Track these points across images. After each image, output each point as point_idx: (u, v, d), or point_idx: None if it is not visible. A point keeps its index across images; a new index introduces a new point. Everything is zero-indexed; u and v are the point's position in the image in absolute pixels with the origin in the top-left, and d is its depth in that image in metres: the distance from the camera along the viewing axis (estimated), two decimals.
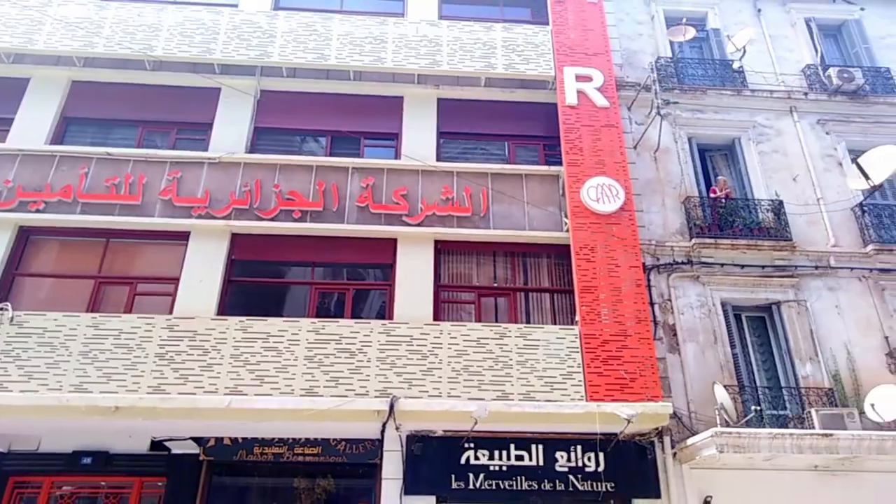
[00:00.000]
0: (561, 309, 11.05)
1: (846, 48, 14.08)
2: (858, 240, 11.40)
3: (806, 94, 12.92)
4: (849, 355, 10.42)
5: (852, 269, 11.16)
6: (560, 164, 11.57)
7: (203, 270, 10.33)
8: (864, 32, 14.03)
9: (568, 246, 10.88)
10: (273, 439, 9.12)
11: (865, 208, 11.58)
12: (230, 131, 11.67)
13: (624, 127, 12.09)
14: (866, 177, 10.97)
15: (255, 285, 10.85)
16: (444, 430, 9.27)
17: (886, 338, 10.60)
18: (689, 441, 9.01)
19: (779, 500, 9.21)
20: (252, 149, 11.66)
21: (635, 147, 12.11)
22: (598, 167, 11.35)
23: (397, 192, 11.12)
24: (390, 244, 10.91)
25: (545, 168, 11.77)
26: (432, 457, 9.11)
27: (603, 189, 11.14)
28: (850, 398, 9.94)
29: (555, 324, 10.60)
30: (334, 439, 9.18)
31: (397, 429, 9.14)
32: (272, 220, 10.75)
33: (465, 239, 11.06)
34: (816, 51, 13.60)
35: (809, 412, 9.34)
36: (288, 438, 9.14)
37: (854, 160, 11.41)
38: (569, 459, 9.30)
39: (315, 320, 9.91)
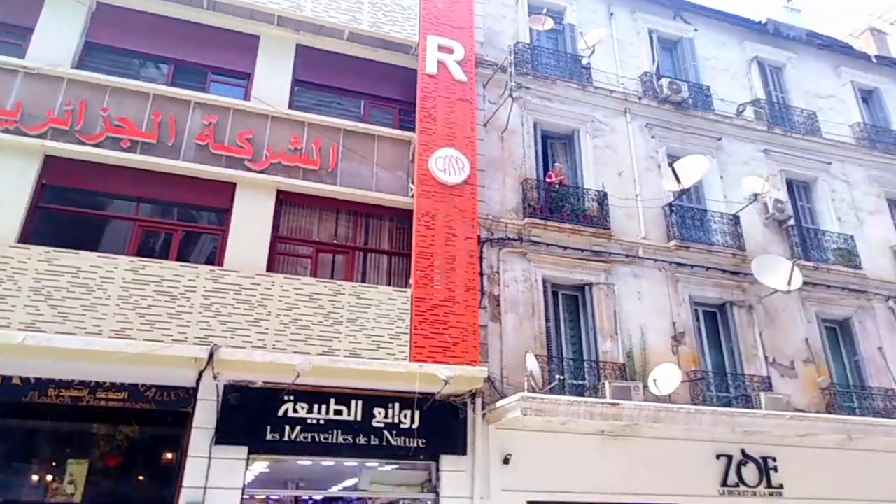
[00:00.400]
0: (397, 271, 11.32)
1: (679, 62, 15.53)
2: (664, 235, 12.80)
3: (640, 98, 14.13)
4: (642, 336, 11.75)
5: (655, 260, 12.52)
6: (413, 130, 11.73)
7: (5, 192, 9.26)
8: (695, 51, 15.57)
9: (411, 211, 11.13)
10: (72, 381, 8.49)
11: (674, 208, 13.01)
12: (55, 40, 10.47)
13: (477, 103, 12.50)
14: (678, 180, 12.31)
15: (70, 215, 9.92)
16: (265, 382, 9.19)
17: (674, 323, 12.07)
18: (499, 404, 9.73)
19: (569, 459, 10.25)
20: (80, 65, 10.56)
21: (485, 124, 12.56)
22: (449, 139, 11.67)
23: (242, 134, 10.67)
24: (228, 188, 10.47)
25: (398, 132, 11.88)
26: (249, 408, 9.00)
27: (450, 160, 11.48)
28: (639, 373, 11.25)
29: (389, 285, 10.83)
30: (143, 385, 8.74)
31: (215, 378, 8.91)
32: (96, 146, 9.86)
33: (310, 192, 10.91)
34: (654, 60, 14.86)
35: (604, 383, 10.43)
36: (90, 381, 8.55)
37: (670, 164, 12.73)
38: (386, 416, 9.63)
39: (135, 259, 9.31)
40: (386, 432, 9.55)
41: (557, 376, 10.36)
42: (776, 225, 13.84)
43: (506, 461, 9.86)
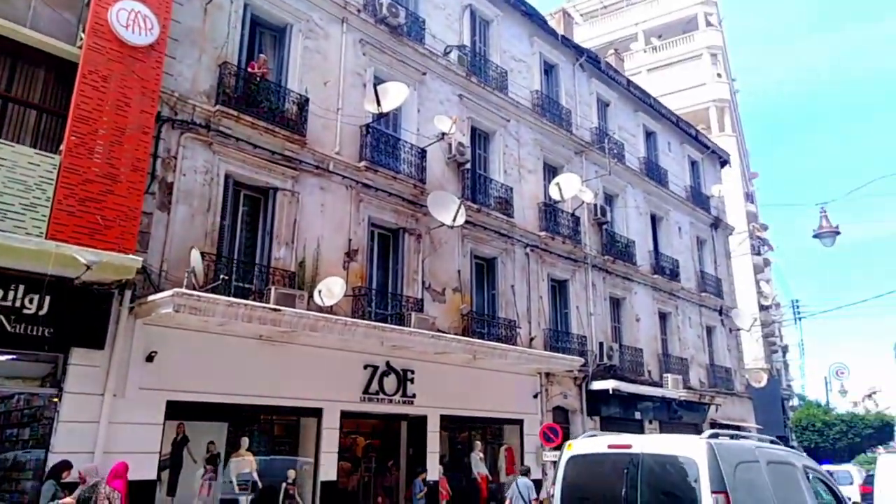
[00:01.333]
0: (48, 134, 9.50)
1: None
2: (357, 154, 13.00)
3: (359, 11, 13.87)
4: (318, 248, 11.91)
5: (344, 177, 12.69)
6: None
7: None
8: None
9: (76, 65, 9.30)
10: None
11: (370, 130, 13.26)
12: None
13: None
14: (379, 103, 12.52)
15: None
16: None
17: (350, 240, 12.49)
18: (150, 298, 8.95)
19: (222, 361, 10.03)
20: None
21: None
22: None
23: None
24: None
25: None
26: None
27: (137, 17, 9.81)
28: (308, 283, 11.42)
29: (35, 147, 9.02)
30: None
31: None
32: None
33: None
34: None
35: (270, 289, 10.33)
36: None
37: (375, 86, 12.86)
38: (5, 298, 8.14)
39: None
40: (2, 316, 8.09)
41: (222, 276, 9.93)
42: (455, 166, 15.12)
43: (149, 359, 9.21)
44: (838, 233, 14.85)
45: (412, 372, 12.81)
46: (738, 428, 22.81)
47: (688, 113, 30.56)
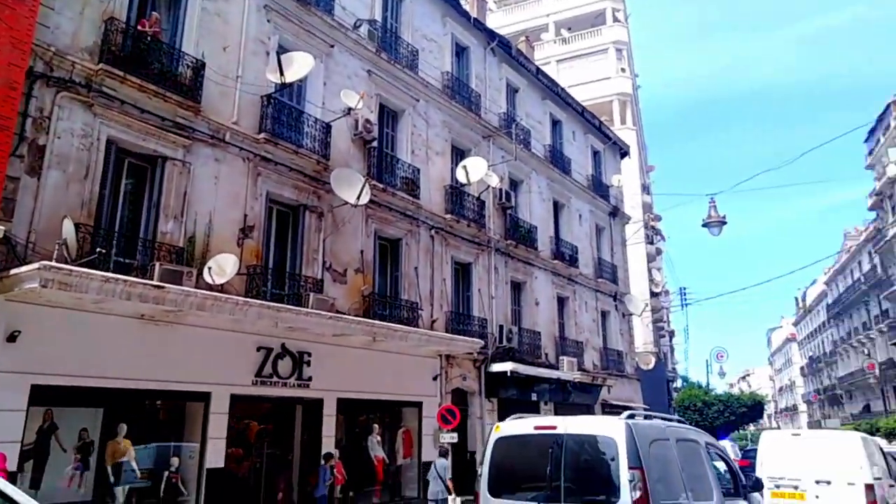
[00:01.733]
0: None
1: None
2: (256, 125, 12.33)
3: None
4: (210, 223, 11.23)
5: (241, 149, 12.02)
6: None
7: None
8: None
9: None
10: None
11: (272, 100, 12.62)
12: None
13: None
14: (282, 73, 11.91)
15: None
16: None
17: (246, 215, 11.87)
18: (14, 271, 8.08)
19: (97, 342, 9.27)
20: None
21: None
22: None
23: None
24: None
25: None
26: None
27: None
28: (198, 260, 10.76)
29: None
30: None
31: None
32: None
33: None
34: None
35: (154, 265, 9.63)
36: None
37: (279, 54, 12.23)
38: None
39: None
40: None
41: (99, 249, 9.13)
42: (361, 143, 14.72)
43: (11, 338, 8.33)
44: (725, 222, 15.73)
45: (309, 354, 12.42)
46: (627, 409, 23.97)
47: (592, 105, 31.38)
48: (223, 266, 10.32)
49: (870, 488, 10.32)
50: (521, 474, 6.52)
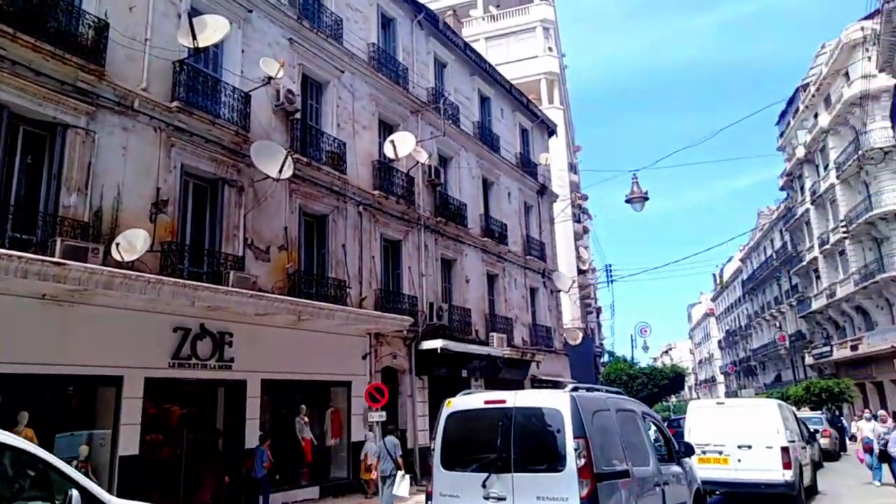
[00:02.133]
0: None
1: None
2: (168, 93, 11.58)
3: None
4: (118, 196, 10.48)
5: (153, 118, 11.25)
6: None
7: None
8: None
9: None
10: None
11: (185, 67, 11.87)
12: None
13: None
14: (194, 37, 11.20)
15: None
16: None
17: (159, 189, 11.15)
18: None
19: None
20: None
21: None
22: None
23: None
24: None
25: None
26: None
27: None
28: (105, 236, 10.03)
29: None
30: None
31: None
32: None
33: None
34: None
35: (56, 241, 8.89)
36: None
37: (191, 17, 11.48)
38: None
39: None
40: None
41: None
42: (284, 115, 14.13)
43: None
44: (647, 198, 16.06)
45: (230, 335, 11.89)
46: (556, 384, 24.42)
47: (521, 83, 31.44)
48: (133, 242, 9.65)
49: (785, 451, 10.97)
50: (472, 447, 6.72)
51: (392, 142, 16.46)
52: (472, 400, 6.92)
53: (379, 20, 18.49)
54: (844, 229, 34.71)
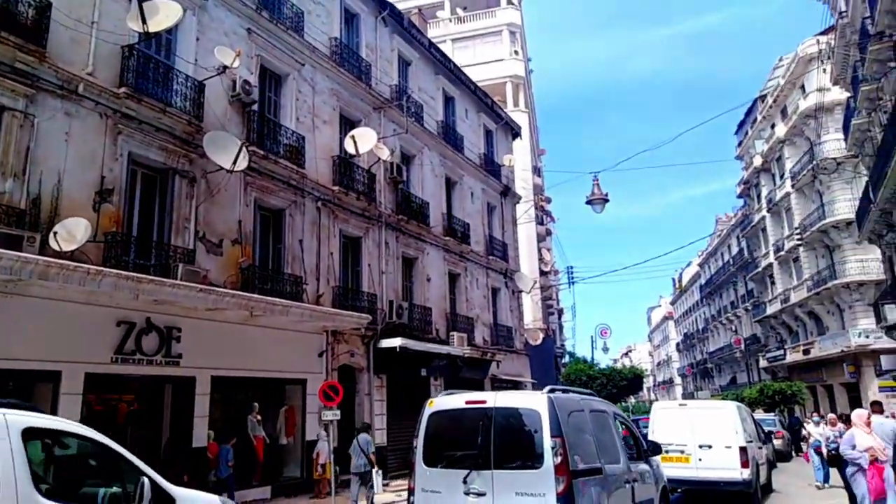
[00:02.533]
0: None
1: None
2: (116, 78, 11.14)
3: None
4: (59, 183, 10.03)
5: (98, 103, 10.81)
6: None
7: None
8: None
9: None
10: None
11: (134, 52, 11.45)
12: None
13: None
14: (144, 21, 10.81)
15: None
16: None
17: (104, 177, 10.72)
18: None
19: None
20: None
21: None
22: None
23: None
24: None
25: None
26: None
27: None
28: (44, 224, 9.58)
29: None
30: None
31: None
32: None
33: None
34: None
35: None
36: None
37: (141, 1, 11.08)
38: None
39: None
40: None
41: None
42: (240, 106, 13.77)
43: None
44: (607, 200, 16.17)
45: (179, 330, 11.49)
46: (516, 384, 24.42)
47: (486, 86, 31.41)
48: (73, 232, 9.23)
49: (743, 450, 11.31)
50: (454, 445, 6.97)
51: (353, 137, 16.20)
52: (454, 400, 7.21)
53: (342, 14, 18.23)
54: (798, 237, 35.56)
